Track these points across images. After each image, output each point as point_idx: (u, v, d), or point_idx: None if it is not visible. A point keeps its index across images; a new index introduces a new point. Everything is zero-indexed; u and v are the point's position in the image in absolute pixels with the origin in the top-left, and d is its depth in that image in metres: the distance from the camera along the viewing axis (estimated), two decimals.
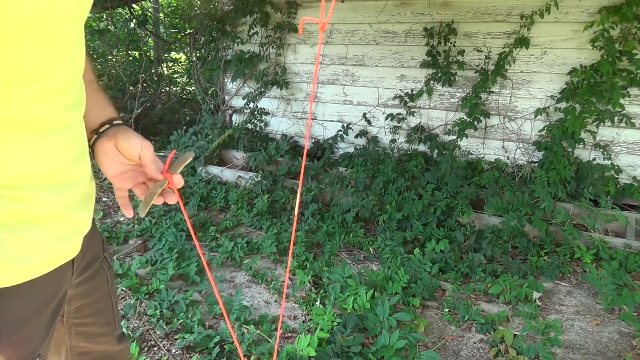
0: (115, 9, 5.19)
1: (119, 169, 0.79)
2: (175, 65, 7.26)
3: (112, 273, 0.93)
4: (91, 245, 0.83)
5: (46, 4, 0.50)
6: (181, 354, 1.94)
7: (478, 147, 3.71)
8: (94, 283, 0.87)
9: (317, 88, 4.23)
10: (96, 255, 0.87)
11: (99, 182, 3.95)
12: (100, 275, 0.89)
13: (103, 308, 0.91)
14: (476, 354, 2.04)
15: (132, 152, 0.77)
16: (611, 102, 3.01)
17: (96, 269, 0.87)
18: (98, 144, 0.78)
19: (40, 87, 0.56)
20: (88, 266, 0.84)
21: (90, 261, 0.84)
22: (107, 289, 0.92)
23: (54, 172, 0.63)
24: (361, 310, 2.21)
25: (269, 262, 2.79)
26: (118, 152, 0.78)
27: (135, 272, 2.50)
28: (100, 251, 0.89)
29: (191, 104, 6.19)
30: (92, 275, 0.85)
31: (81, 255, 0.78)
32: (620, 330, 2.20)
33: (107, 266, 0.91)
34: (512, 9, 3.34)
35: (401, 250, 2.83)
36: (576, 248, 2.79)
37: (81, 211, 0.73)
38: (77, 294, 0.83)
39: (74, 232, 0.73)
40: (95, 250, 0.87)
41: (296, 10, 4.13)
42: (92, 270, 0.85)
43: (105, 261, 0.90)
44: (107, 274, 0.91)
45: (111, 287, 0.93)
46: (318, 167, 3.72)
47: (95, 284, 0.88)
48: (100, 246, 0.89)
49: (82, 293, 0.84)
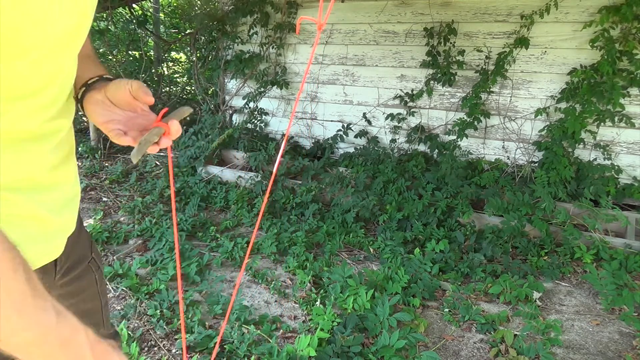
0: (115, 9, 5.19)
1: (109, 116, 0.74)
2: (176, 65, 7.26)
3: (101, 274, 0.92)
4: (77, 246, 0.83)
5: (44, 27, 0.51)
6: (181, 354, 1.94)
7: (478, 147, 3.71)
8: (80, 284, 0.86)
9: (317, 88, 4.23)
10: (82, 256, 0.86)
11: (99, 182, 3.95)
12: (88, 275, 0.88)
13: (91, 308, 0.90)
14: (476, 354, 2.04)
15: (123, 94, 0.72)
16: (611, 102, 3.01)
17: (83, 270, 0.86)
18: (87, 96, 0.75)
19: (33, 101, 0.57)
20: (73, 267, 0.83)
21: (75, 262, 0.83)
22: (96, 290, 0.91)
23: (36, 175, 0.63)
24: (361, 310, 2.21)
25: (269, 262, 2.79)
26: (108, 101, 0.74)
27: (136, 272, 2.50)
28: (88, 252, 0.88)
29: (191, 104, 6.19)
30: (78, 276, 0.85)
31: (65, 257, 0.78)
32: (621, 330, 2.20)
33: (96, 267, 0.90)
34: (512, 9, 3.34)
35: (401, 250, 2.83)
36: (576, 248, 2.78)
37: (64, 213, 0.73)
38: (63, 294, 0.81)
39: (55, 233, 0.72)
40: (82, 251, 0.86)
41: (296, 10, 4.13)
42: (79, 271, 0.85)
43: (93, 261, 0.89)
44: (96, 274, 0.90)
45: (100, 287, 0.92)
46: (318, 167, 3.72)
47: (82, 285, 0.87)
48: (88, 247, 0.88)
49: (68, 293, 0.83)
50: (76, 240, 0.81)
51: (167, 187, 3.71)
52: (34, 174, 0.63)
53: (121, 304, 2.27)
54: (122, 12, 5.91)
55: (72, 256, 0.82)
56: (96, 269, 0.91)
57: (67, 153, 0.71)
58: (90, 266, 0.89)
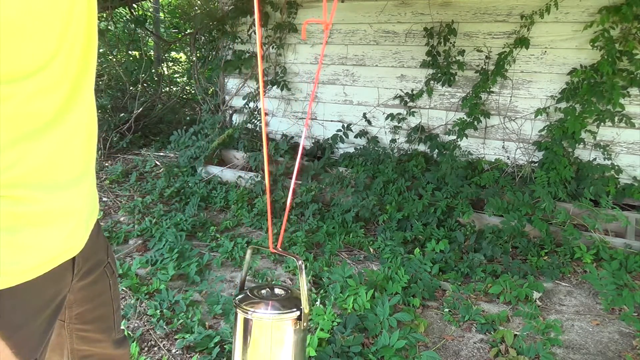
0: (115, 9, 5.19)
1: None
2: (176, 65, 7.26)
3: (115, 279, 0.92)
4: (95, 249, 0.83)
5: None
6: (181, 354, 1.94)
7: (478, 147, 3.71)
8: (96, 288, 0.86)
9: (317, 88, 4.23)
10: (100, 260, 0.86)
11: (99, 182, 3.95)
12: (103, 280, 0.88)
13: (104, 314, 0.90)
14: (476, 354, 2.04)
15: None
16: (611, 102, 3.01)
17: (99, 274, 0.86)
18: None
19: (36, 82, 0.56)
20: (91, 271, 0.82)
21: (93, 266, 0.83)
22: (109, 295, 0.91)
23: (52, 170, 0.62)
24: (361, 310, 2.21)
25: (269, 262, 2.79)
26: None
27: (136, 272, 2.50)
28: (104, 256, 0.88)
29: (191, 104, 6.19)
30: (94, 281, 0.84)
31: (83, 259, 0.77)
32: (621, 331, 2.20)
33: (110, 271, 0.90)
34: (512, 9, 3.34)
35: (401, 250, 2.83)
36: (576, 248, 2.78)
37: (82, 209, 0.72)
38: (79, 299, 0.82)
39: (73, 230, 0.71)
40: (99, 255, 0.86)
41: (296, 10, 4.13)
42: (95, 276, 0.85)
43: (108, 266, 0.89)
44: (110, 279, 0.90)
45: (113, 292, 0.92)
46: (318, 167, 3.72)
47: (98, 290, 0.87)
48: (105, 251, 0.88)
49: (84, 298, 0.83)
50: (95, 243, 0.81)
51: (167, 187, 3.71)
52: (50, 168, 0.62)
53: (121, 304, 2.27)
54: (122, 12, 5.91)
55: (91, 260, 0.82)
56: (111, 274, 0.90)
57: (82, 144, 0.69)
58: (105, 271, 0.88)
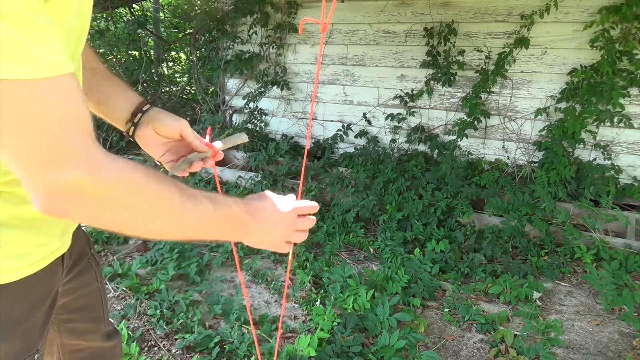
0: (115, 9, 5.19)
1: (163, 148, 0.84)
2: (176, 65, 7.25)
3: (100, 270, 0.95)
4: (77, 242, 0.85)
5: None
6: (181, 354, 1.94)
7: (478, 147, 3.71)
8: (82, 279, 0.88)
9: (317, 88, 4.22)
10: (83, 252, 0.89)
11: None
12: (89, 271, 0.91)
13: (91, 303, 0.93)
14: (476, 354, 2.04)
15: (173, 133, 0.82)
16: (611, 102, 3.01)
17: (85, 266, 0.89)
18: (138, 133, 0.82)
19: None
20: (76, 263, 0.85)
21: (77, 258, 0.86)
22: (97, 285, 0.93)
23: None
24: (361, 310, 2.21)
25: (269, 262, 2.79)
26: (158, 135, 0.83)
27: (136, 272, 2.50)
28: (87, 248, 0.91)
29: (191, 104, 6.19)
30: (80, 272, 0.87)
31: (69, 254, 0.80)
32: (621, 331, 2.20)
33: (95, 262, 0.93)
34: (512, 9, 3.34)
35: (401, 250, 2.83)
36: (576, 248, 2.78)
37: None
38: (64, 290, 0.84)
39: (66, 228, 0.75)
40: (82, 248, 0.88)
41: (296, 10, 4.12)
42: (80, 267, 0.87)
43: (92, 258, 0.92)
44: (96, 270, 0.93)
45: (100, 283, 0.95)
46: (318, 167, 3.72)
47: (84, 281, 0.89)
48: (86, 243, 0.91)
49: (69, 289, 0.86)
50: (76, 237, 0.83)
51: None
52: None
53: (121, 304, 2.27)
54: (122, 12, 5.91)
55: (75, 253, 0.84)
56: (96, 264, 0.93)
57: None
58: (90, 262, 0.91)
